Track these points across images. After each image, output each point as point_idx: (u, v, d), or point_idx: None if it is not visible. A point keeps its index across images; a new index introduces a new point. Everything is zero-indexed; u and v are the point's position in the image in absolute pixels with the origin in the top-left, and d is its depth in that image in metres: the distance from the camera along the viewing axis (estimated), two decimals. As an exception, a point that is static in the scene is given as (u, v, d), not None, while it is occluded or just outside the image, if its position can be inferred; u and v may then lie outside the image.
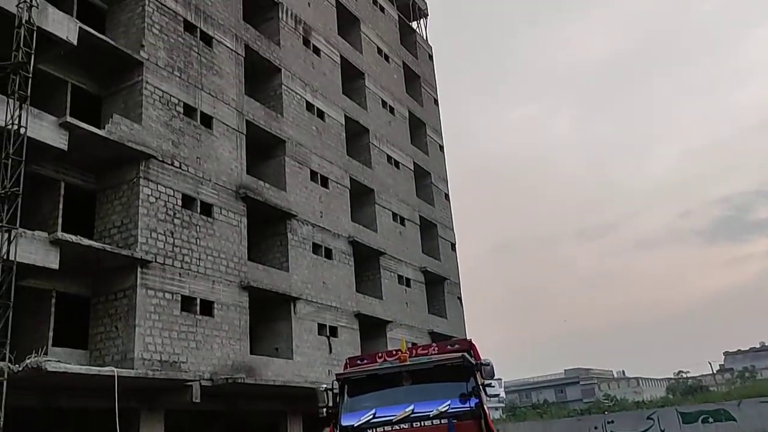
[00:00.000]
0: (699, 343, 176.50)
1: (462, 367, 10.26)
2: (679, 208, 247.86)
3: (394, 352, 11.41)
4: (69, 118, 15.92)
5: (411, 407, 9.81)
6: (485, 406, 10.09)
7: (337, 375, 11.08)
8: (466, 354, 10.70)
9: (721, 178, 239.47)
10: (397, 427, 9.73)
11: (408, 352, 11.00)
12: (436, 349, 11.82)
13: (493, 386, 11.76)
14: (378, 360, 11.49)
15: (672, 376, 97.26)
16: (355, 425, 10.01)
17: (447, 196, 39.05)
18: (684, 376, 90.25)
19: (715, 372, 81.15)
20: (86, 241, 15.88)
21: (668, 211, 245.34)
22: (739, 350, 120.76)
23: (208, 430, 22.85)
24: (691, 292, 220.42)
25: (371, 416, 9.98)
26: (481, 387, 10.24)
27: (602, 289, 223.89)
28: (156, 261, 17.56)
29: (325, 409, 11.00)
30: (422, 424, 9.62)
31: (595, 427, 29.81)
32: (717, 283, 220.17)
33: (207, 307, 19.03)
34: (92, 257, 16.43)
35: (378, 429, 9.80)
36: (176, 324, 17.77)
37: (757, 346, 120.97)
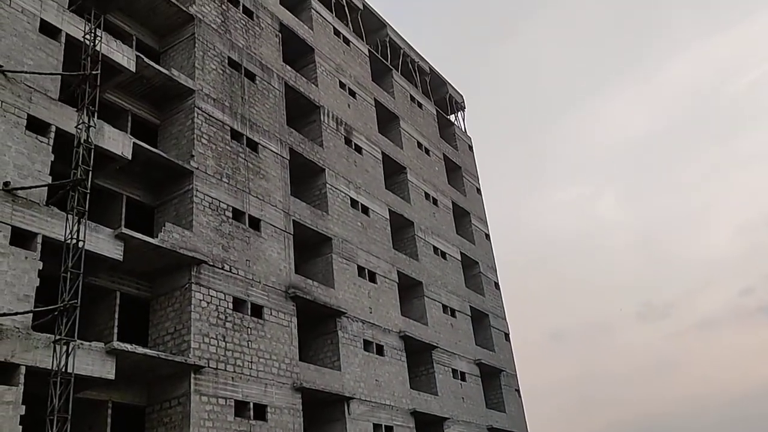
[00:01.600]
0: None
1: None
2: (741, 284, 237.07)
3: None
4: (124, 229, 16.45)
5: None
6: None
7: None
8: None
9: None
10: None
11: None
12: None
13: None
14: None
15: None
16: None
17: (497, 284, 38.43)
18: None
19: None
20: (141, 350, 15.96)
21: (728, 289, 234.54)
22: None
23: None
24: (763, 374, 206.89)
25: None
26: None
27: (662, 376, 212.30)
28: (209, 366, 17.50)
29: None
30: None
31: None
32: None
33: (260, 411, 18.70)
34: (147, 365, 16.47)
35: None
36: (230, 430, 17.44)
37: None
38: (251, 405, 18.40)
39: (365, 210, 27.76)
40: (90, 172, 15.41)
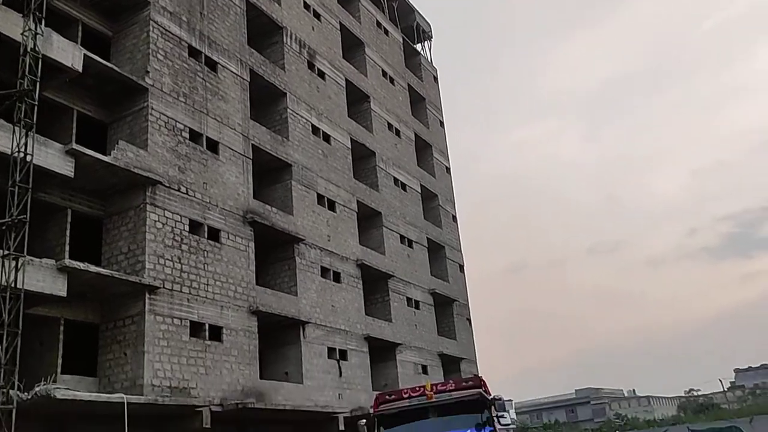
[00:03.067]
0: (709, 361, 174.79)
1: (478, 402, 12.55)
2: (687, 225, 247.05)
3: (417, 389, 13.30)
4: (75, 145, 15.92)
5: None
6: None
7: (374, 412, 13.05)
8: (482, 391, 12.78)
9: (727, 196, 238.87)
10: None
11: (431, 389, 12.88)
12: (453, 385, 13.52)
13: (505, 417, 13.47)
14: (404, 396, 13.25)
15: (683, 395, 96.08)
16: None
17: (454, 217, 38.91)
18: (695, 394, 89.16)
19: (726, 389, 79.97)
20: (94, 268, 15.76)
21: (676, 229, 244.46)
22: (750, 367, 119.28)
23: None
24: (701, 309, 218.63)
25: None
26: (494, 418, 12.43)
27: (612, 308, 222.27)
28: (164, 287, 17.43)
29: None
30: None
31: (609, 448, 29.29)
32: (726, 299, 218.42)
33: (216, 333, 18.84)
34: (100, 284, 16.31)
35: None
36: (185, 350, 17.58)
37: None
38: (207, 326, 18.51)
39: (327, 138, 27.43)
40: (37, 83, 14.75)
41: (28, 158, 14.20)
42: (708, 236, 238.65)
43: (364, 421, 13.31)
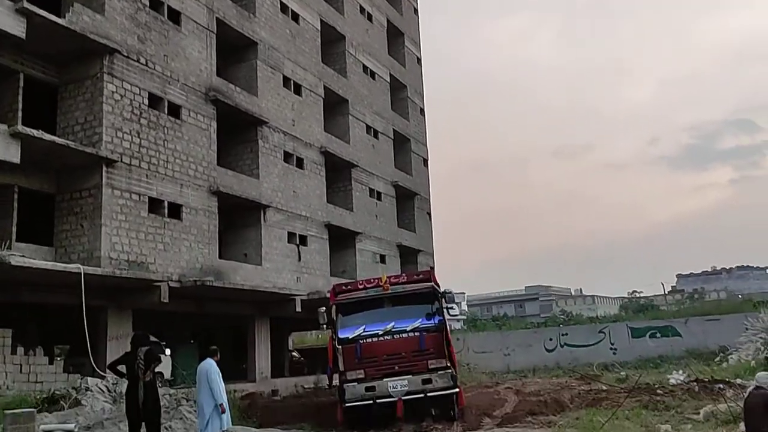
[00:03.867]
0: (656, 266, 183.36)
1: (429, 294, 13.71)
2: (651, 134, 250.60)
3: (372, 281, 14.39)
4: (26, 4, 14.92)
5: (392, 324, 13.32)
6: (446, 323, 13.68)
7: (334, 300, 13.89)
8: (433, 284, 13.88)
9: (692, 107, 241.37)
10: (382, 339, 13.23)
11: (387, 281, 13.89)
12: (405, 277, 14.76)
13: (453, 308, 14.69)
14: (359, 287, 14.24)
15: (626, 296, 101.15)
16: (351, 337, 13.35)
17: (422, 110, 38.52)
18: (637, 295, 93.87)
19: (666, 293, 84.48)
20: (48, 137, 15.29)
21: (640, 137, 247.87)
22: (691, 273, 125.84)
23: (179, 332, 23.13)
24: (653, 216, 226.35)
25: (362, 330, 13.36)
26: (444, 309, 13.60)
27: (569, 210, 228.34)
28: (122, 161, 17.08)
29: (324, 325, 14.41)
30: (400, 336, 13.26)
31: (550, 339, 30.92)
32: (678, 208, 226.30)
33: (175, 210, 18.76)
34: (56, 154, 15.89)
35: (368, 340, 13.22)
36: (143, 225, 17.53)
37: (709, 270, 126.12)
38: (166, 203, 18.38)
39: (295, 17, 26.33)
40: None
41: (-25, 15, 13.33)
42: (669, 145, 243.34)
43: (324, 308, 14.23)
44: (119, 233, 16.73)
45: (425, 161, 37.89)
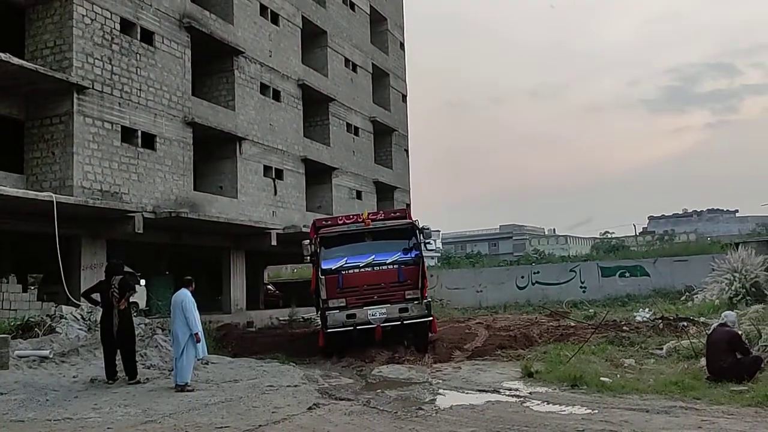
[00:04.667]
0: (629, 207, 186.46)
1: (408, 230, 14.39)
2: (631, 75, 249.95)
3: (351, 216, 15.27)
4: None
5: (372, 257, 13.94)
6: (423, 258, 14.25)
7: (319, 233, 14.38)
8: (413, 221, 14.56)
9: (674, 49, 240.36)
10: (363, 270, 13.83)
11: (367, 216, 14.56)
12: (383, 214, 15.57)
13: (431, 244, 15.47)
14: (339, 222, 14.88)
15: (598, 236, 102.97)
16: (333, 268, 13.85)
17: (402, 45, 37.81)
18: (609, 236, 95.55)
19: (637, 234, 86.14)
20: (16, 60, 14.76)
21: (619, 78, 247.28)
22: (663, 215, 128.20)
23: (154, 263, 23.13)
24: (629, 158, 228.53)
25: (344, 262, 13.89)
26: (421, 244, 14.22)
27: (545, 150, 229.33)
28: (93, 88, 16.62)
29: (307, 257, 14.97)
30: (381, 268, 13.89)
31: (522, 277, 31.47)
32: (654, 151, 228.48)
33: (149, 140, 18.45)
34: (24, 78, 15.38)
35: (350, 271, 13.78)
36: (117, 155, 17.24)
37: (680, 212, 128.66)
38: (139, 133, 18.05)
39: (273, -58, 25.33)
40: None
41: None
42: (648, 88, 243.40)
43: (308, 241, 14.76)
44: (92, 162, 16.44)
45: (404, 97, 37.47)
